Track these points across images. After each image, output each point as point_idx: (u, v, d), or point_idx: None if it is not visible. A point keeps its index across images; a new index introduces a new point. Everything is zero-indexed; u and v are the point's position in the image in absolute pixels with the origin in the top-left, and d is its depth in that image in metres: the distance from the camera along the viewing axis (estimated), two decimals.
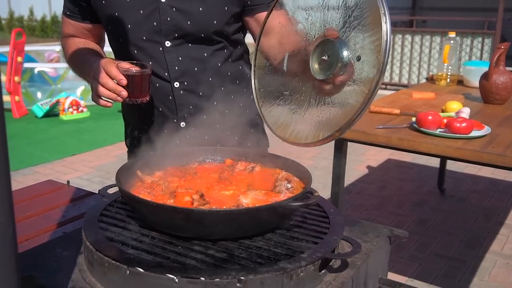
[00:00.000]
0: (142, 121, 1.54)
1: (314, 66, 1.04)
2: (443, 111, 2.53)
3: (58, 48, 9.32)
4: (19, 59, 6.24)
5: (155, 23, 1.37)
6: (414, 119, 2.26)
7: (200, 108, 1.45)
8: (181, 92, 1.44)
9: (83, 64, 1.43)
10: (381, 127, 2.27)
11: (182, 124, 1.47)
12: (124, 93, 1.27)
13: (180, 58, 1.42)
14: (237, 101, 1.46)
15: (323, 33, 1.03)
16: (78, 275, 0.94)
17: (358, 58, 0.96)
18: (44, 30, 16.57)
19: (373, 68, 0.92)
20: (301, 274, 0.88)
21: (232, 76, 1.51)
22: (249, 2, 1.43)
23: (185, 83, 1.44)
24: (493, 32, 7.58)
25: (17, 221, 1.38)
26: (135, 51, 1.42)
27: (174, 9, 1.37)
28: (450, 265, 3.01)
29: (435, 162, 4.52)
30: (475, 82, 3.01)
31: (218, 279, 0.82)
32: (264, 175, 1.21)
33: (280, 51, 1.16)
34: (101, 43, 1.61)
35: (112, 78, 1.26)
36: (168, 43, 1.40)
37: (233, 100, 1.47)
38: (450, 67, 3.34)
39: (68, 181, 1.71)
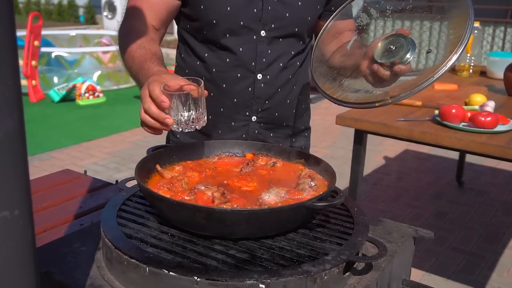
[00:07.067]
0: (210, 109, 1.32)
1: (379, 50, 1.13)
2: (466, 103, 2.46)
3: (74, 32, 9.31)
4: (36, 43, 6.24)
5: (255, 10, 1.35)
6: (436, 112, 2.20)
7: (274, 105, 1.45)
8: (262, 85, 1.42)
9: (141, 70, 1.21)
10: (402, 119, 2.22)
11: (254, 118, 1.45)
12: (169, 120, 1.02)
13: (269, 51, 1.40)
14: (306, 105, 1.57)
15: (394, 30, 1.14)
16: (96, 272, 0.93)
17: (428, 51, 1.11)
18: (61, 14, 16.58)
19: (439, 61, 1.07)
20: (325, 277, 0.85)
21: (305, 80, 1.54)
22: (332, 8, 1.43)
23: (268, 76, 1.42)
24: None
25: (34, 211, 1.37)
26: (227, 35, 1.37)
27: None
28: (468, 260, 2.96)
29: (453, 154, 4.43)
30: (499, 74, 2.93)
31: (240, 282, 0.80)
32: (285, 170, 1.18)
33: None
34: (162, 32, 1.44)
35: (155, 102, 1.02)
36: (263, 33, 1.38)
37: (303, 102, 1.54)
38: (473, 58, 3.25)
39: (85, 171, 1.70)
